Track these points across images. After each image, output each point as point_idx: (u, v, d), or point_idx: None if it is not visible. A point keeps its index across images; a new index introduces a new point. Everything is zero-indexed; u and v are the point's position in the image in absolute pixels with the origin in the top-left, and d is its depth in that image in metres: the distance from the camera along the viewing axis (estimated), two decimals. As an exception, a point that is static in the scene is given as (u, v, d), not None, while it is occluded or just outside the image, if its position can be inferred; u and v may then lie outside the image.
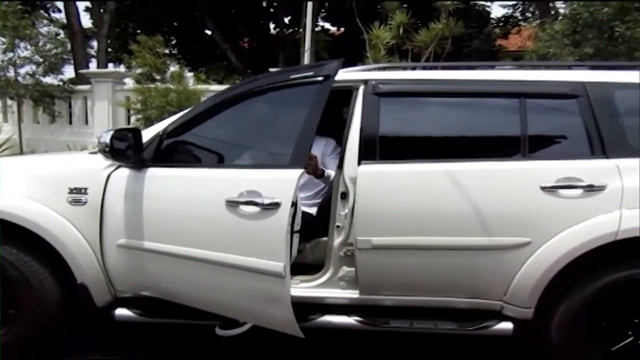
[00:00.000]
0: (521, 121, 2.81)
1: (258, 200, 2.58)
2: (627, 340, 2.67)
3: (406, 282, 2.85)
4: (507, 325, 2.80)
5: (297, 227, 2.88)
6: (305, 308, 2.86)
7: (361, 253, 2.78)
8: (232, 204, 2.63)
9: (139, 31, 13.88)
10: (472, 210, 2.69)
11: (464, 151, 2.93)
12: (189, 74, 11.26)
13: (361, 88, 2.97)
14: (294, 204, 2.66)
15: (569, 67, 3.30)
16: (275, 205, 2.55)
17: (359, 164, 2.82)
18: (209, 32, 18.41)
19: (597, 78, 2.91)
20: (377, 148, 2.84)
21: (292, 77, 2.88)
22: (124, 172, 2.89)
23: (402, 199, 2.76)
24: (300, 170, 2.59)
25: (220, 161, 3.08)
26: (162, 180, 2.85)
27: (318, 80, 2.72)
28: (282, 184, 2.57)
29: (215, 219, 2.67)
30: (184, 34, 18.78)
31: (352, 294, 2.93)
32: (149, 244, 2.80)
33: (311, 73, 2.79)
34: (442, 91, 3.00)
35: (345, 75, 3.03)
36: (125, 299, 3.01)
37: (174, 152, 2.98)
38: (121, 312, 2.97)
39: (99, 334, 3.39)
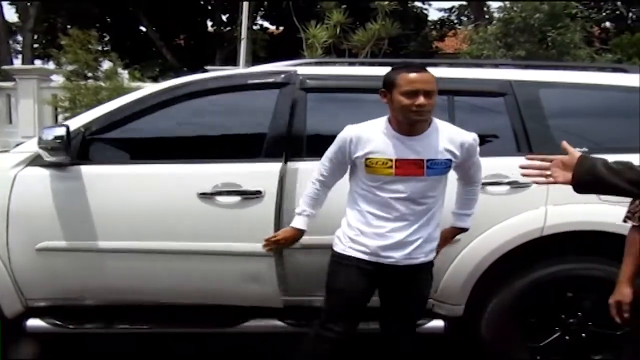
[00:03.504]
0: (450, 119, 2.79)
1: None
2: (554, 336, 2.71)
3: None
4: (438, 323, 2.79)
5: None
6: None
7: None
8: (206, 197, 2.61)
9: (69, 26, 13.32)
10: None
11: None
12: (124, 72, 10.90)
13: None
14: None
15: (497, 66, 3.33)
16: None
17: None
18: (143, 29, 17.88)
19: (524, 77, 2.94)
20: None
21: None
22: (36, 171, 2.70)
23: None
24: None
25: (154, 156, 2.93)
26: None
27: None
28: None
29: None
30: (117, 30, 18.16)
31: None
32: (104, 243, 2.68)
33: None
34: (362, 87, 2.86)
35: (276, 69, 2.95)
36: (38, 308, 2.80)
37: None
38: (33, 323, 2.76)
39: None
